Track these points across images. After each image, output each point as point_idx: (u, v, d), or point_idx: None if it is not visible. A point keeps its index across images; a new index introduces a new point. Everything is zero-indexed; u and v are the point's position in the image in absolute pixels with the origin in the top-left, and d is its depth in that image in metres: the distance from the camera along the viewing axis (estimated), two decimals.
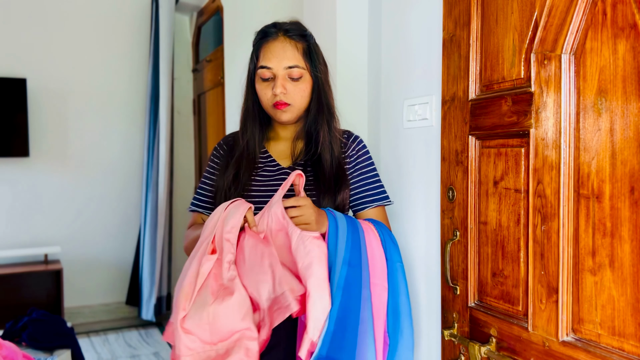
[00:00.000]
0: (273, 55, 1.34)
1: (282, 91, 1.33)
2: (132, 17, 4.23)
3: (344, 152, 1.44)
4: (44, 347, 2.42)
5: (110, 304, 4.23)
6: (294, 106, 1.36)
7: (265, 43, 1.36)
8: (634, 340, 0.89)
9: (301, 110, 1.39)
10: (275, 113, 1.38)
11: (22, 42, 3.88)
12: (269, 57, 1.34)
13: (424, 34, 1.48)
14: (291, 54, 1.34)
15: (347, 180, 1.41)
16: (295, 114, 1.39)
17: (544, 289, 1.05)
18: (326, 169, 1.38)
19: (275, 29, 1.37)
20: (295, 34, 1.37)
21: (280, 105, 1.35)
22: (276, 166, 1.42)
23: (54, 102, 3.99)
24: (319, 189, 1.36)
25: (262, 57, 1.36)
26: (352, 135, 1.47)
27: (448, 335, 1.31)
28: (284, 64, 1.33)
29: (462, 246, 1.28)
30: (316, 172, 1.38)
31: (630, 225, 0.89)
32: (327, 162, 1.38)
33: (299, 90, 1.36)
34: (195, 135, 4.53)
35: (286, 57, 1.33)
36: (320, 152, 1.39)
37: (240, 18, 3.28)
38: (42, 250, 3.82)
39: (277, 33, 1.36)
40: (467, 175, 1.27)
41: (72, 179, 4.07)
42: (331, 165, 1.39)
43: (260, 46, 1.37)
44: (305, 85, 1.37)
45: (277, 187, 1.36)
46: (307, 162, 1.41)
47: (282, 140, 1.47)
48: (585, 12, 0.96)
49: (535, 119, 1.07)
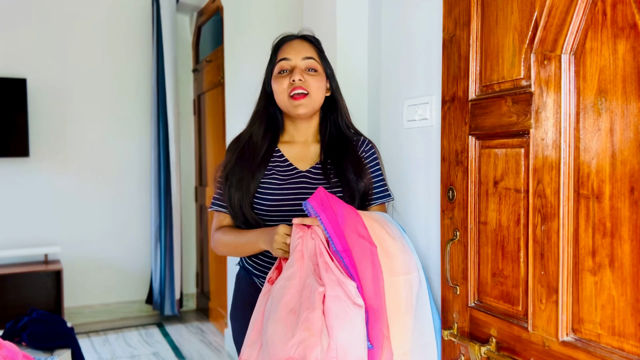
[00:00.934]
0: (292, 49, 1.46)
1: (300, 78, 1.41)
2: (132, 17, 4.23)
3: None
4: (44, 347, 2.42)
5: (110, 304, 4.23)
6: (311, 97, 1.43)
7: (284, 43, 1.49)
8: (634, 340, 0.89)
9: (316, 103, 1.45)
10: (291, 104, 1.43)
11: (22, 42, 3.88)
12: (288, 51, 1.46)
13: (424, 34, 1.48)
14: (308, 48, 1.47)
15: (366, 169, 1.47)
16: (311, 107, 1.44)
17: (544, 289, 1.05)
18: (347, 164, 1.44)
19: (292, 35, 1.52)
20: (310, 37, 1.52)
21: (298, 97, 1.42)
22: (293, 169, 1.46)
23: (54, 102, 3.99)
24: (345, 187, 1.42)
25: (280, 53, 1.47)
26: (361, 138, 1.54)
27: (448, 335, 1.31)
28: (302, 54, 1.45)
29: (462, 246, 1.28)
30: (339, 171, 1.43)
31: (630, 225, 0.89)
32: (348, 158, 1.45)
33: (315, 80, 1.44)
34: (195, 135, 4.53)
35: (304, 50, 1.46)
36: (342, 149, 1.46)
37: (240, 18, 3.28)
38: (42, 250, 3.82)
39: (293, 37, 1.51)
40: (467, 175, 1.27)
41: (72, 179, 4.07)
42: (351, 159, 1.45)
43: (279, 47, 1.49)
44: (321, 78, 1.46)
45: (295, 190, 1.41)
46: (325, 162, 1.46)
47: (296, 143, 1.51)
48: (585, 12, 0.96)
49: (535, 119, 1.07)
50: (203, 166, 4.33)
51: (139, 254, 4.32)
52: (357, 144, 1.51)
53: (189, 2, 4.25)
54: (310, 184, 1.43)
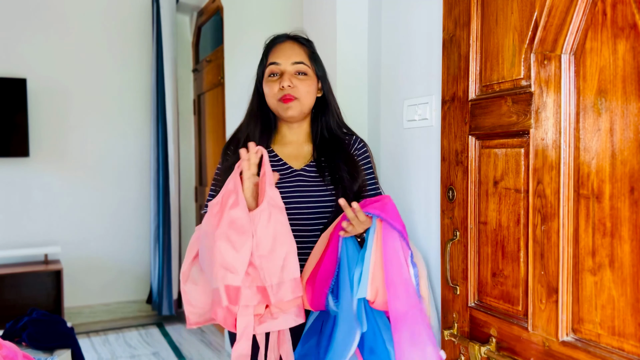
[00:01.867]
0: (282, 53, 1.46)
1: (289, 84, 1.41)
2: (132, 17, 4.23)
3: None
4: (44, 347, 2.42)
5: (110, 303, 4.23)
6: (300, 100, 1.43)
7: (274, 46, 1.49)
8: (634, 340, 0.89)
9: (306, 107, 1.46)
10: (281, 107, 1.44)
11: (22, 42, 3.88)
12: (277, 55, 1.46)
13: (424, 34, 1.48)
14: (298, 52, 1.46)
15: (359, 167, 1.47)
16: (300, 110, 1.45)
17: (544, 289, 1.05)
18: (341, 163, 1.44)
19: (284, 35, 1.51)
20: (301, 39, 1.51)
21: (287, 100, 1.42)
22: (288, 168, 1.47)
23: (54, 102, 3.99)
24: (338, 186, 1.43)
25: (271, 56, 1.47)
26: (353, 137, 1.53)
27: (448, 335, 1.31)
28: (291, 59, 1.44)
29: (462, 246, 1.28)
30: (332, 170, 1.44)
31: (630, 225, 0.89)
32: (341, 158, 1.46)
33: (305, 85, 1.44)
34: (195, 135, 4.53)
35: (294, 54, 1.45)
36: (334, 148, 1.47)
37: (240, 18, 3.28)
38: (42, 250, 3.81)
39: (285, 38, 1.50)
40: (467, 175, 1.27)
41: (72, 179, 4.07)
42: (344, 159, 1.46)
43: (270, 49, 1.49)
44: (311, 82, 1.46)
45: (292, 189, 1.42)
46: (319, 161, 1.47)
47: (289, 143, 1.52)
48: (585, 12, 0.96)
49: (535, 119, 1.07)
50: (203, 166, 4.33)
51: (140, 254, 4.32)
52: (350, 143, 1.51)
53: (189, 2, 4.25)
54: (305, 182, 1.44)
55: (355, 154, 1.49)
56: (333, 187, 1.43)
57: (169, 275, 4.09)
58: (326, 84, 1.51)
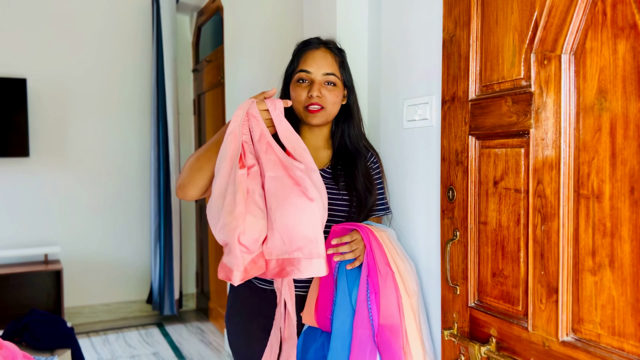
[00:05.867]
0: (314, 62, 1.47)
1: (318, 94, 1.44)
2: (132, 17, 4.23)
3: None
4: (44, 347, 2.42)
5: (110, 303, 4.23)
6: (326, 110, 1.47)
7: (307, 51, 1.49)
8: (634, 340, 0.89)
9: (331, 115, 1.50)
10: (306, 115, 1.47)
11: (22, 42, 3.88)
12: (309, 63, 1.47)
13: (424, 34, 1.48)
14: (330, 62, 1.48)
15: (374, 184, 1.51)
16: (325, 119, 1.48)
17: (544, 289, 1.05)
18: (358, 175, 1.48)
19: (317, 41, 1.52)
20: (334, 47, 1.52)
21: (314, 110, 1.45)
22: None
23: (54, 102, 3.99)
24: (352, 196, 1.46)
25: (302, 62, 1.48)
26: (369, 152, 1.58)
27: (448, 335, 1.31)
28: (323, 70, 1.47)
29: (462, 246, 1.28)
30: (348, 179, 1.47)
31: (630, 225, 0.89)
32: (360, 167, 1.49)
33: (332, 95, 1.46)
34: (195, 135, 4.53)
35: (326, 65, 1.47)
36: (353, 159, 1.50)
37: (240, 18, 3.28)
38: (42, 250, 3.82)
39: (318, 45, 1.51)
40: (467, 175, 1.27)
41: (72, 179, 4.07)
42: (363, 172, 1.49)
43: (302, 53, 1.50)
44: (338, 92, 1.49)
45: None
46: (335, 168, 1.50)
47: (307, 146, 1.51)
48: (585, 12, 0.96)
49: (535, 119, 1.07)
50: None
51: (140, 254, 4.32)
52: (367, 157, 1.55)
53: (189, 2, 4.25)
54: None
55: (371, 167, 1.54)
56: (346, 194, 1.46)
57: (170, 275, 4.08)
58: (353, 94, 1.54)
